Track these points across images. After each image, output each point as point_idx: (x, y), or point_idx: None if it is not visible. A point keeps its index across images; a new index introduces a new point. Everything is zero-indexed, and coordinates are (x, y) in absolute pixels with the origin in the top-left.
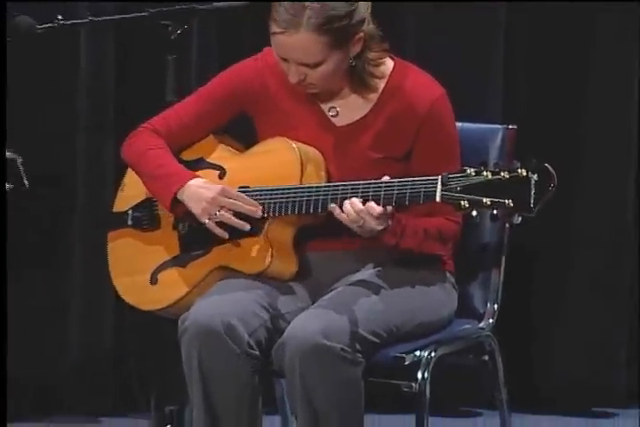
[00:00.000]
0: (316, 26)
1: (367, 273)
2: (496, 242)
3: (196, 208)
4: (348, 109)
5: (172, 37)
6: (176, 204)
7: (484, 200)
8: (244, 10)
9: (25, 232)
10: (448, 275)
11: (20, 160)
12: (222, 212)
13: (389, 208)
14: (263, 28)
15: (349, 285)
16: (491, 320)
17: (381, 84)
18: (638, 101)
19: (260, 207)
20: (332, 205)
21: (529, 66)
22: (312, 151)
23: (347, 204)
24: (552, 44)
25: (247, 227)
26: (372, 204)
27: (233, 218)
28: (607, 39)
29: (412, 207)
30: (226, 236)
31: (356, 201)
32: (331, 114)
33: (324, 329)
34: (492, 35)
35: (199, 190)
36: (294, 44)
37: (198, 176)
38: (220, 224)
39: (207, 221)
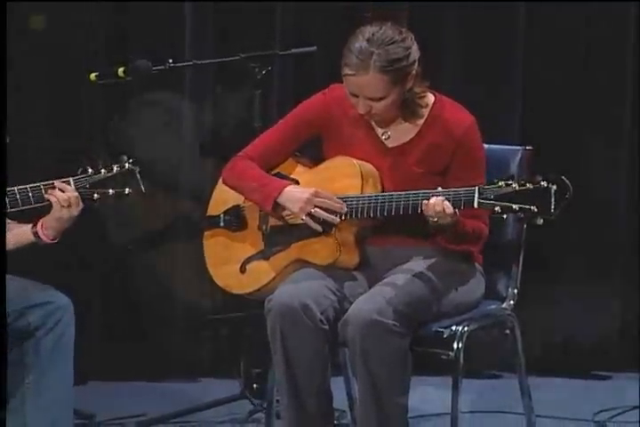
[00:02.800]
0: (381, 67)
1: (414, 264)
2: (516, 240)
3: (294, 208)
4: (397, 134)
5: (259, 76)
6: (276, 207)
7: (514, 206)
8: (313, 55)
9: (147, 230)
10: (478, 266)
11: (137, 170)
12: (316, 209)
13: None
14: (330, 68)
15: (400, 273)
16: (512, 302)
17: (425, 113)
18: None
19: (345, 204)
20: (425, 202)
21: (543, 99)
22: (370, 167)
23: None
24: (567, 80)
25: (337, 220)
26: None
27: (325, 213)
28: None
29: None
30: (320, 229)
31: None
32: (384, 137)
33: (379, 309)
34: (512, 74)
35: (295, 194)
36: (364, 83)
37: (291, 184)
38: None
39: (305, 217)
